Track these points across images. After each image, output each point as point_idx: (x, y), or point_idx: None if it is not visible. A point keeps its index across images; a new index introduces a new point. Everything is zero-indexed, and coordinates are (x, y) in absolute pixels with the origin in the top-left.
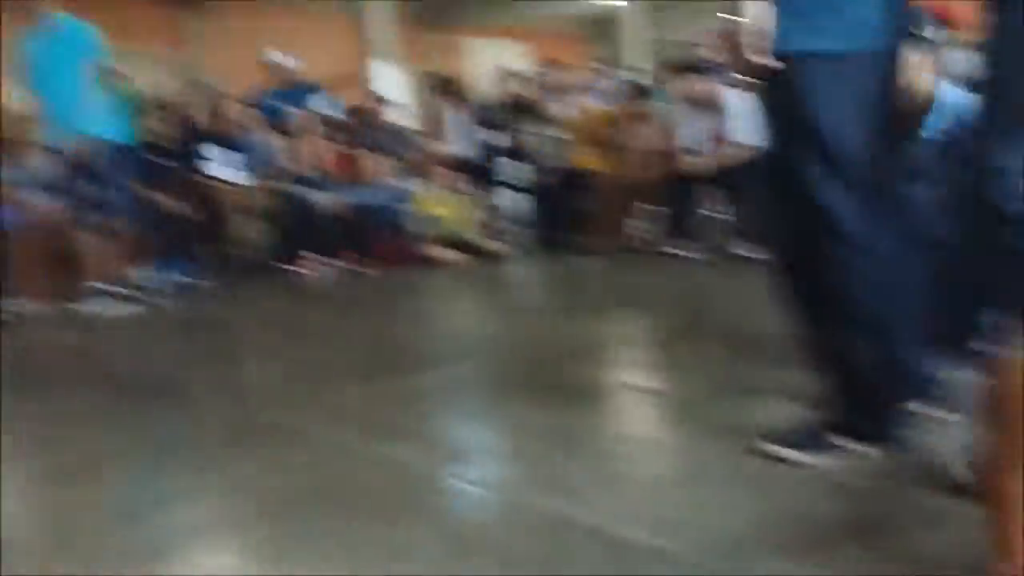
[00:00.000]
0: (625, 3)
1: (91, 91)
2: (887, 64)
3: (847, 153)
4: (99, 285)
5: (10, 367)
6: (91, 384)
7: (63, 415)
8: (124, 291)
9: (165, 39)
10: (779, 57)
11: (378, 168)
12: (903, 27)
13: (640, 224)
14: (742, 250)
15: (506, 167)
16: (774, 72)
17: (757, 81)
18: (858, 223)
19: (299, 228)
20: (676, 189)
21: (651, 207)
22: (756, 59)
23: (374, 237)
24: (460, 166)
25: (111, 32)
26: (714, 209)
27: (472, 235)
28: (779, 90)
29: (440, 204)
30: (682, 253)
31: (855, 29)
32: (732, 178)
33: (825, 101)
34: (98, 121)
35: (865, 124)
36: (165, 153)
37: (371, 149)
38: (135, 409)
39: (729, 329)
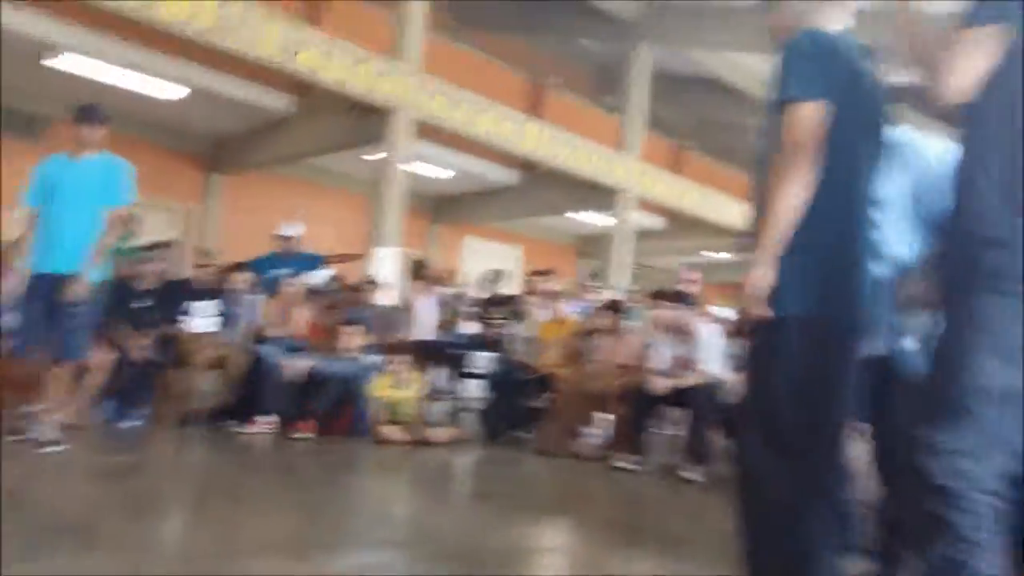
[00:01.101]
0: (614, 224)
1: (104, 231)
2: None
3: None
4: (39, 418)
5: None
6: None
7: None
8: (59, 428)
9: (189, 195)
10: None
11: (352, 342)
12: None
13: (593, 432)
14: (686, 470)
15: (476, 358)
16: (763, 328)
17: (746, 331)
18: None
19: (260, 388)
20: (634, 404)
21: (606, 417)
22: (754, 312)
23: (332, 407)
24: (427, 350)
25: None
26: (667, 428)
27: (425, 419)
28: (763, 346)
29: (400, 384)
30: (629, 466)
31: (834, 298)
32: (689, 401)
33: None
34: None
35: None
36: (145, 297)
37: (351, 323)
38: (27, 547)
39: (661, 539)
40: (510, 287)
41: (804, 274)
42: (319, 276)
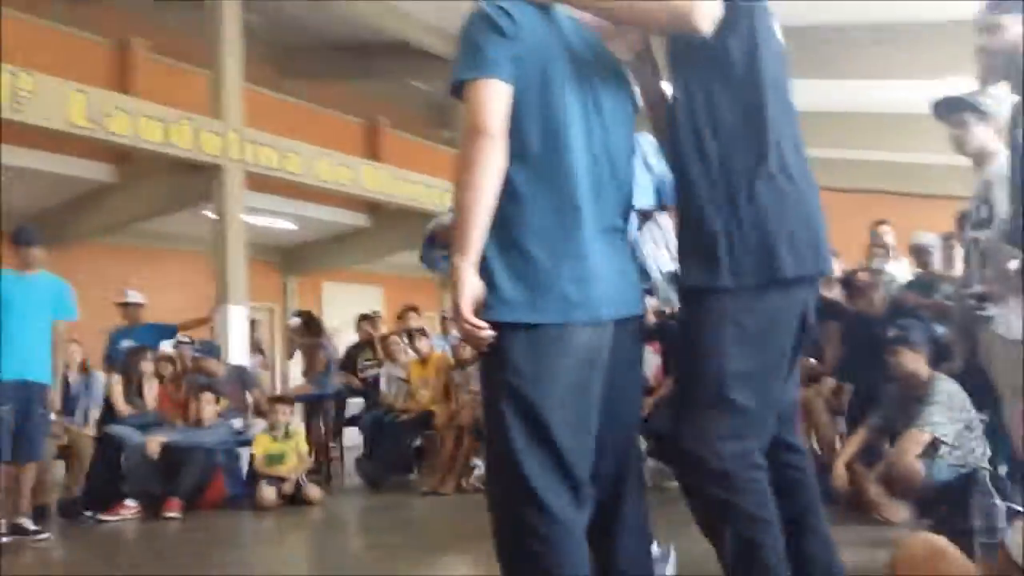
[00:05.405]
0: None
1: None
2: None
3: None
4: None
5: None
6: None
7: None
8: None
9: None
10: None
11: (207, 410)
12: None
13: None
14: None
15: (351, 406)
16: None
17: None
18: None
19: (120, 471)
20: None
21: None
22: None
23: (200, 480)
24: (302, 404)
25: None
26: None
27: (304, 475)
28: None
29: (271, 444)
30: None
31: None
32: None
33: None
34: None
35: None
36: None
37: (208, 390)
38: None
39: None
40: (376, 330)
41: None
42: (171, 346)
